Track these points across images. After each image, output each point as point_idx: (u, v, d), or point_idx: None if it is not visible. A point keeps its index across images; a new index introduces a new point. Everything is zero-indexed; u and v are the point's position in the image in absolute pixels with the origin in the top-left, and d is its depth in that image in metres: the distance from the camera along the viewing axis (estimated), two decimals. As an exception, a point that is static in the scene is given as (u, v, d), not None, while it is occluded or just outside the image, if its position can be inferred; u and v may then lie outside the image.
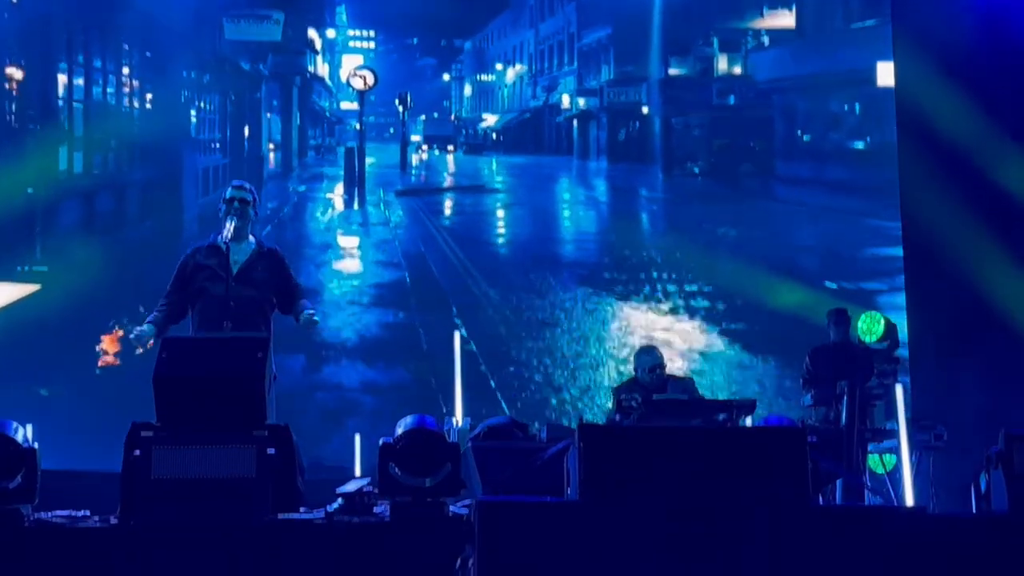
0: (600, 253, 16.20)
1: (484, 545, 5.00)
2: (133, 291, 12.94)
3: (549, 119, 19.03)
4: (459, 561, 5.26)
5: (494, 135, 19.48)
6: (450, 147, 18.84)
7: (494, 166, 18.85)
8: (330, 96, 19.69)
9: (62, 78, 15.16)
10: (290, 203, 17.43)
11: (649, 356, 9.08)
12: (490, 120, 19.50)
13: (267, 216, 16.08)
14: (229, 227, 7.29)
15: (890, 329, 9.98)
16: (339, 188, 17.75)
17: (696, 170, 17.05)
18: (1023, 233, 11.34)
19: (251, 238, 7.51)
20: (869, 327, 10.08)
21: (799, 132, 16.82)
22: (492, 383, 13.49)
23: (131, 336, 7.44)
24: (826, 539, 5.11)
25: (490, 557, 4.99)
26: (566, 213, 17.55)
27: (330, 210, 17.49)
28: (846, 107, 16.60)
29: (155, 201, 15.59)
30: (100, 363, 13.47)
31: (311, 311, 7.49)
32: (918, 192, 11.84)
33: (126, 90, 16.81)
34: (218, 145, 17.74)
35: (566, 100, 18.80)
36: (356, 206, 17.39)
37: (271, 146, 18.24)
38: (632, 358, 9.35)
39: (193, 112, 17.07)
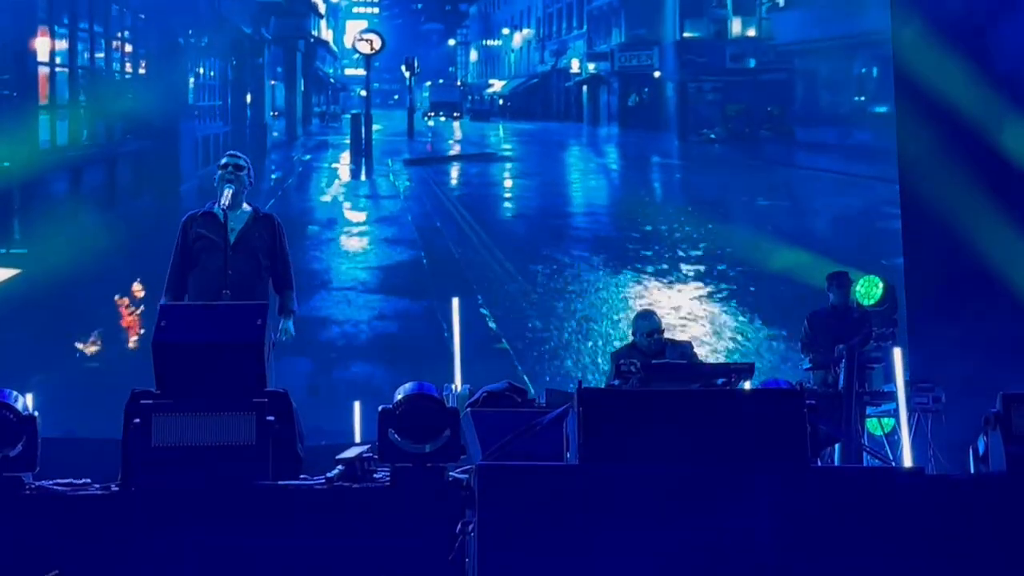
0: (619, 224, 15.74)
1: (484, 509, 5.02)
2: (128, 269, 12.60)
3: (557, 84, 18.61)
4: (459, 526, 5.28)
5: (501, 101, 19.04)
6: (456, 114, 18.47)
7: (502, 133, 18.42)
8: (335, 62, 19.16)
9: (44, 41, 14.14)
10: (294, 173, 16.85)
11: (647, 321, 9.09)
12: (497, 86, 19.14)
13: (271, 188, 15.66)
14: (227, 194, 7.28)
15: (888, 292, 9.99)
16: (345, 157, 17.29)
17: (712, 136, 16.58)
18: (1020, 196, 11.33)
19: (246, 205, 7.50)
20: (867, 291, 10.10)
21: (820, 96, 16.24)
22: (517, 364, 13.23)
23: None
24: (825, 501, 5.13)
25: (490, 521, 5.01)
26: (581, 182, 17.04)
27: (336, 181, 16.97)
28: (863, 70, 16.02)
29: (150, 173, 14.74)
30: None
31: (290, 323, 7.40)
32: (916, 156, 11.82)
33: (117, 54, 15.84)
34: (219, 113, 17.00)
35: (575, 64, 18.34)
36: (363, 177, 16.92)
37: (274, 114, 17.67)
38: (631, 323, 9.36)
39: (191, 78, 16.29)
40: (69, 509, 5.65)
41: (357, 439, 10.01)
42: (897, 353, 9.24)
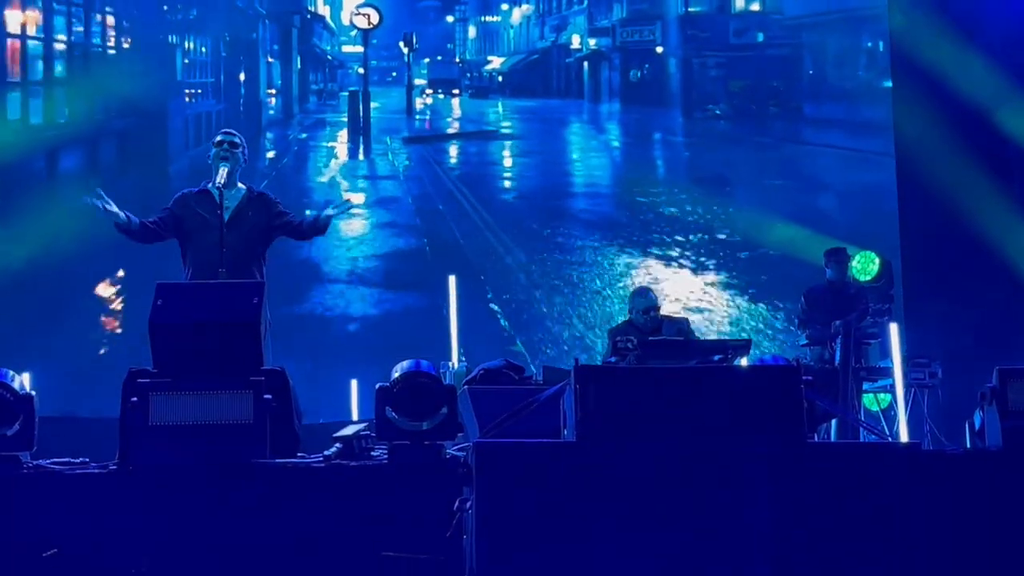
0: (625, 204, 15.33)
1: (482, 487, 5.03)
2: (112, 256, 11.94)
3: (558, 61, 18.17)
4: (457, 503, 5.29)
5: (500, 78, 18.55)
6: (455, 91, 18.02)
7: (501, 110, 18.02)
8: (332, 38, 18.62)
9: (15, 13, 13.36)
10: (290, 152, 16.41)
11: (644, 298, 9.10)
12: (496, 63, 18.68)
13: (265, 168, 15.30)
14: (222, 172, 7.25)
15: (885, 268, 10.00)
16: (343, 135, 16.78)
17: (717, 112, 16.18)
18: (1017, 171, 11.33)
19: (240, 184, 7.47)
20: (864, 266, 10.11)
21: (827, 71, 15.82)
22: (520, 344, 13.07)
23: (87, 200, 7.19)
24: (821, 477, 5.14)
25: (488, 498, 5.02)
26: (583, 161, 16.70)
27: (333, 161, 16.45)
28: (870, 44, 15.49)
29: (136, 154, 13.99)
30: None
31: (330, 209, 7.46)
32: (912, 132, 11.82)
33: (98, 27, 14.88)
34: (211, 90, 16.32)
35: (576, 40, 17.90)
36: (362, 156, 16.44)
37: (272, 91, 17.09)
38: (628, 300, 9.36)
39: (180, 54, 15.67)
40: (67, 488, 5.66)
41: (354, 417, 10.01)
42: (893, 329, 9.26)
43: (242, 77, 16.60)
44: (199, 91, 16.37)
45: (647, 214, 14.95)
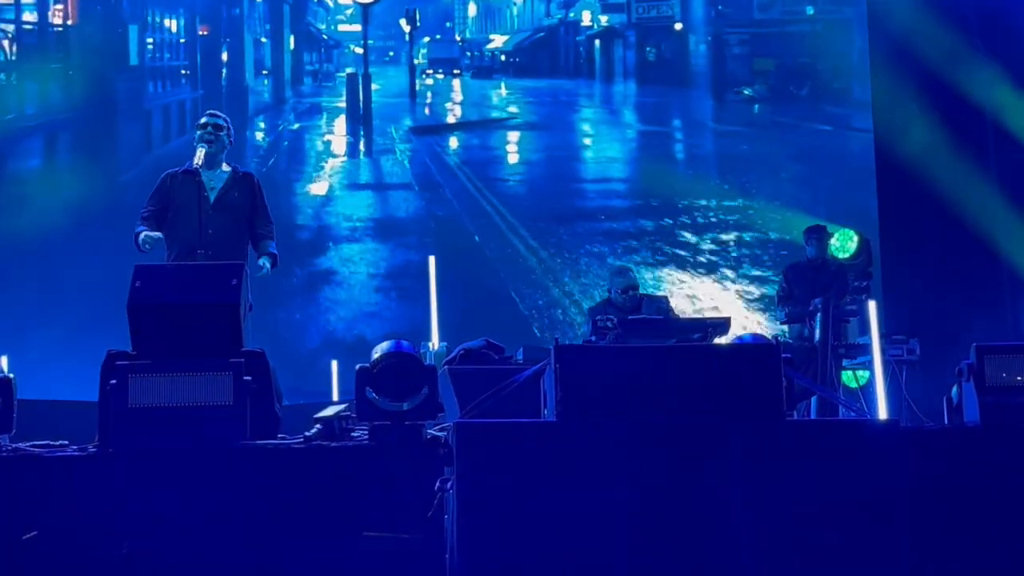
0: (670, 204, 14.07)
1: (462, 467, 5.04)
2: (89, 238, 11.42)
3: (566, 39, 16.85)
4: (438, 483, 5.30)
5: (503, 57, 17.34)
6: (456, 71, 16.84)
7: (508, 92, 16.75)
8: (327, 16, 17.14)
9: None
10: (280, 149, 14.82)
11: (623, 278, 9.11)
12: (498, 41, 17.45)
13: (251, 170, 13.73)
14: (200, 153, 7.24)
15: (863, 246, 10.03)
16: (340, 125, 15.34)
17: (748, 93, 14.86)
18: (993, 149, 11.38)
19: (225, 165, 7.45)
20: (843, 244, 10.13)
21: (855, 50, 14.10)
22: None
23: (142, 241, 7.19)
24: (801, 453, 5.16)
25: (469, 478, 5.03)
26: (635, 155, 15.28)
27: (330, 161, 14.90)
28: None
29: (75, 156, 12.37)
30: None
31: (267, 261, 7.36)
32: (891, 109, 11.86)
33: (35, 3, 12.98)
34: (186, 74, 14.57)
35: (587, 17, 16.67)
36: (363, 153, 14.98)
37: (265, 71, 15.67)
38: (608, 278, 9.37)
39: (136, 32, 13.74)
40: (46, 471, 5.63)
41: (335, 398, 10.00)
42: (872, 306, 9.29)
43: (224, 58, 14.98)
44: (170, 76, 14.62)
45: (697, 213, 13.94)
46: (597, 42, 16.62)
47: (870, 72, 12.33)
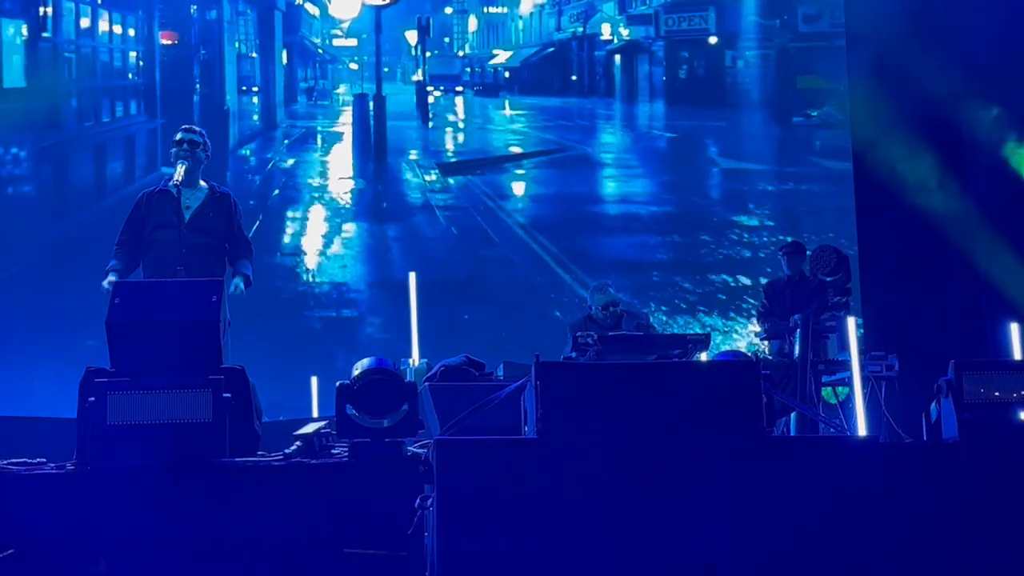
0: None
1: (442, 483, 5.03)
2: (68, 255, 10.58)
3: (579, 54, 15.33)
4: (418, 500, 5.29)
5: (507, 74, 15.82)
6: (458, 88, 15.36)
7: (521, 111, 14.87)
8: (321, 29, 15.18)
9: None
10: (269, 203, 12.10)
11: (603, 294, 9.12)
12: (502, 57, 15.95)
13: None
14: (180, 170, 7.21)
15: (841, 262, 10.05)
16: (343, 159, 13.21)
17: (815, 114, 13.12)
18: (972, 164, 11.44)
19: (203, 183, 7.42)
20: (822, 260, 10.14)
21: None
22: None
23: (105, 288, 7.21)
24: (781, 470, 5.17)
25: (449, 495, 5.02)
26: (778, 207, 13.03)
27: (339, 234, 12.12)
28: None
29: None
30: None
31: (240, 281, 7.34)
32: (868, 125, 11.91)
33: None
34: (139, 97, 11.75)
35: (606, 30, 15.24)
36: (382, 215, 12.37)
37: (255, 88, 13.62)
38: (588, 295, 9.37)
39: (19, 34, 10.75)
40: (24, 488, 5.61)
41: (315, 415, 9.97)
42: (851, 322, 9.31)
43: (196, 75, 12.44)
44: (116, 99, 11.81)
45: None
46: (618, 57, 15.04)
47: (848, 88, 12.38)
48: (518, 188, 13.63)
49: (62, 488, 5.60)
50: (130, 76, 11.78)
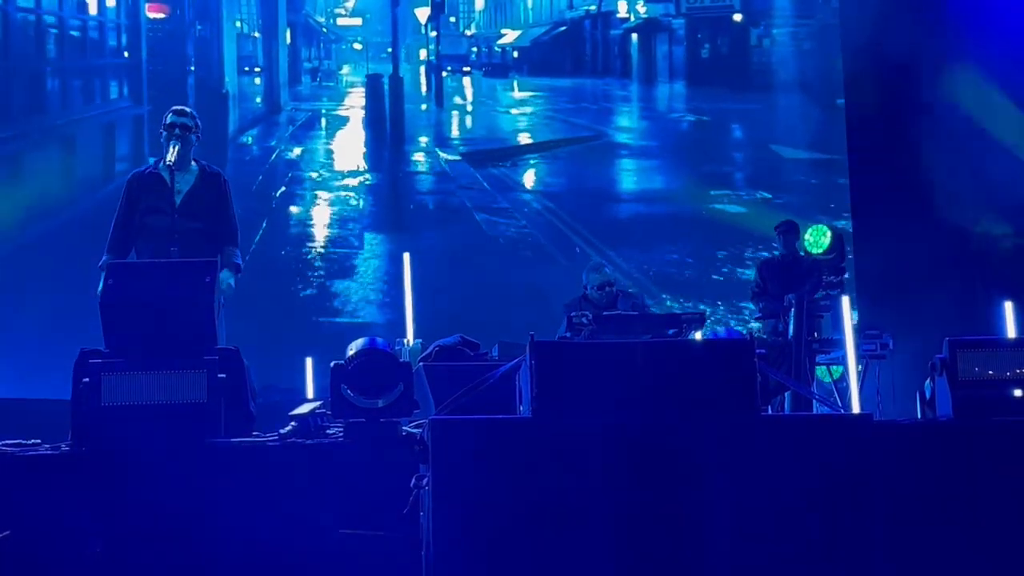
0: None
1: (438, 463, 5.03)
2: (61, 236, 10.25)
3: (593, 33, 14.62)
4: (413, 480, 5.29)
5: (516, 54, 15.09)
6: (465, 68, 14.72)
7: (535, 92, 14.10)
8: (325, 7, 14.44)
9: None
10: (274, 207, 11.23)
11: (598, 274, 9.12)
12: (511, 36, 15.29)
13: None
14: (172, 151, 7.16)
15: (836, 241, 10.06)
16: (351, 145, 12.27)
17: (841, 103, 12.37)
18: (966, 142, 11.44)
19: (193, 164, 7.38)
20: (816, 239, 10.16)
21: None
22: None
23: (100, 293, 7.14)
24: (775, 448, 5.18)
25: (444, 475, 5.02)
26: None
27: (340, 215, 11.41)
28: None
29: None
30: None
31: (230, 277, 7.22)
32: (863, 94, 11.92)
33: None
34: (121, 79, 10.40)
35: (623, 8, 14.53)
36: (394, 201, 11.52)
37: (257, 68, 12.73)
38: (584, 275, 9.37)
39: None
40: (19, 470, 5.60)
41: (309, 395, 9.98)
42: (845, 301, 9.32)
43: (191, 54, 11.21)
44: (92, 79, 10.30)
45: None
46: (635, 36, 14.23)
47: (843, 70, 12.38)
48: (529, 175, 13.15)
49: (57, 469, 5.60)
50: (111, 55, 10.16)
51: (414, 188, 12.22)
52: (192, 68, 11.30)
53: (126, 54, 9.99)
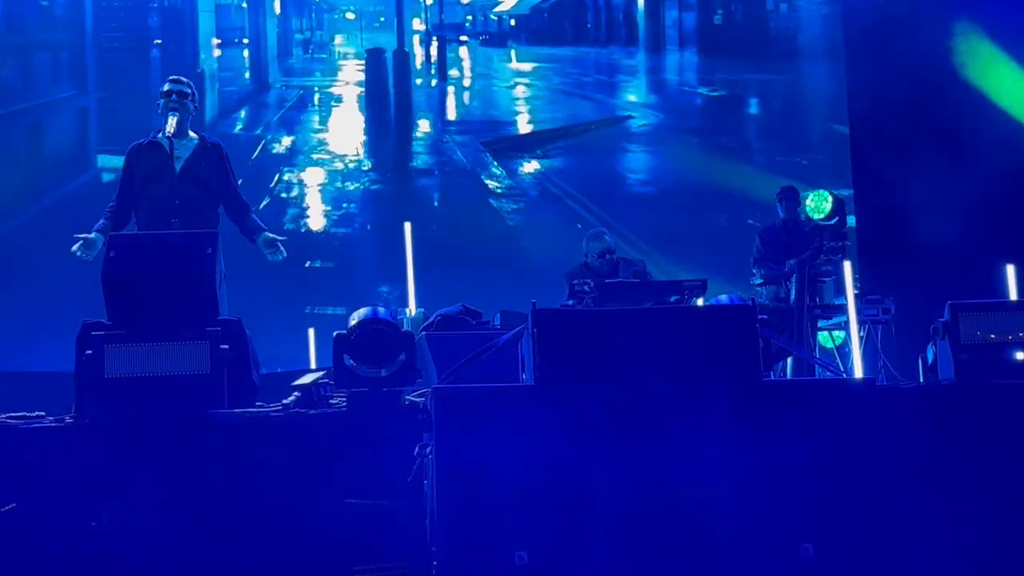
0: None
1: (441, 432, 5.04)
2: (63, 209, 10.18)
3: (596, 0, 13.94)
4: (417, 449, 5.31)
5: (512, 22, 14.23)
6: (462, 37, 13.89)
7: (541, 64, 13.34)
8: None
9: None
10: (270, 196, 10.70)
11: (599, 242, 9.11)
12: (508, 3, 14.36)
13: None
14: (171, 122, 7.17)
15: (838, 206, 10.04)
16: (350, 132, 11.58)
17: None
18: (967, 113, 11.42)
19: (192, 133, 7.38)
20: (817, 205, 10.13)
21: None
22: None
23: (76, 249, 7.16)
24: (777, 414, 5.19)
25: (447, 444, 5.03)
26: None
27: (341, 190, 10.92)
28: None
29: None
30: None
31: (280, 244, 7.26)
32: (863, 66, 11.88)
33: None
34: (61, 61, 8.80)
35: None
36: (397, 192, 10.78)
37: (244, 41, 11.61)
38: (584, 243, 9.36)
39: None
40: (23, 442, 5.62)
41: (312, 365, 9.99)
42: (847, 267, 9.32)
43: (157, 27, 9.55)
44: (14, 68, 8.44)
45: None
46: (641, 1, 13.46)
47: (844, 52, 12.32)
48: (531, 145, 12.79)
49: (61, 442, 5.61)
50: (40, 31, 8.24)
51: (415, 161, 11.95)
52: (159, 42, 9.95)
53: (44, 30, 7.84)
